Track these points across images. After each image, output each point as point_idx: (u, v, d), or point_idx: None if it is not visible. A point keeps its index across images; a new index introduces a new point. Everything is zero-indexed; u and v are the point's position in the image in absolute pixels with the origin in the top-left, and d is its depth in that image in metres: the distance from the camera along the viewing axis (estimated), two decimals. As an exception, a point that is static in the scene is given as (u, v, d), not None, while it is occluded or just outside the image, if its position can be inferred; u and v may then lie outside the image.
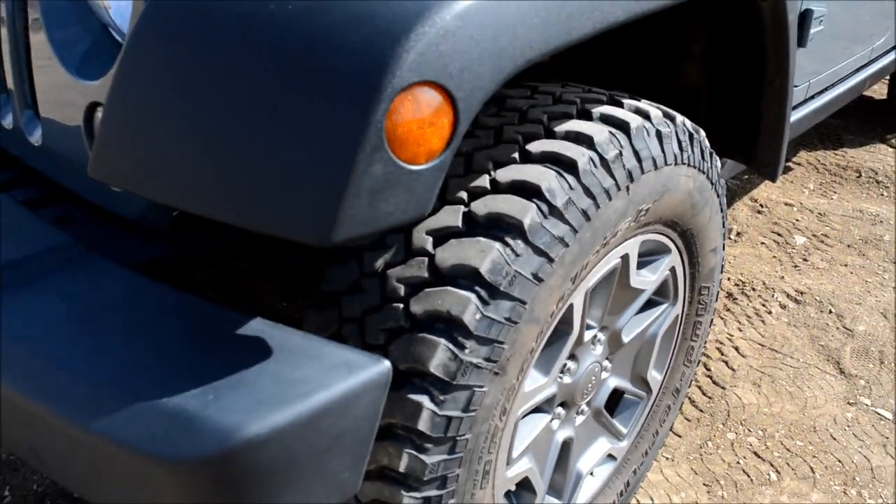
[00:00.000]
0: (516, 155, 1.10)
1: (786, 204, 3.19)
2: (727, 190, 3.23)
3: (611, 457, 1.55)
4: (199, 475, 0.78)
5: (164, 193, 0.84)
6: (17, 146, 1.29)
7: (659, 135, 1.21)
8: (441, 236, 1.04)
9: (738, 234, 2.94)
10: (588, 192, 1.08)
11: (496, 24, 0.80)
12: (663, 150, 1.21)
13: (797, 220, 3.06)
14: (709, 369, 2.16)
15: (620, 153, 1.13)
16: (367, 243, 1.06)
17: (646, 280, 1.38)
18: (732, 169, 2.13)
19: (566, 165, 1.07)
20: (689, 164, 1.30)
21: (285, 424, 0.78)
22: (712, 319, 1.67)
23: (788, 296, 2.54)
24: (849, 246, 2.89)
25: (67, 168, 1.20)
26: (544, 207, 1.03)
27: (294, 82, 0.76)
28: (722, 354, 2.23)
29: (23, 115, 1.22)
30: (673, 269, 1.46)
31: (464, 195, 1.07)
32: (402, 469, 1.01)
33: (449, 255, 1.01)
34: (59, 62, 1.09)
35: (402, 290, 1.02)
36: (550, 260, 1.04)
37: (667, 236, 1.39)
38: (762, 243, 2.88)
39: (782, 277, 2.64)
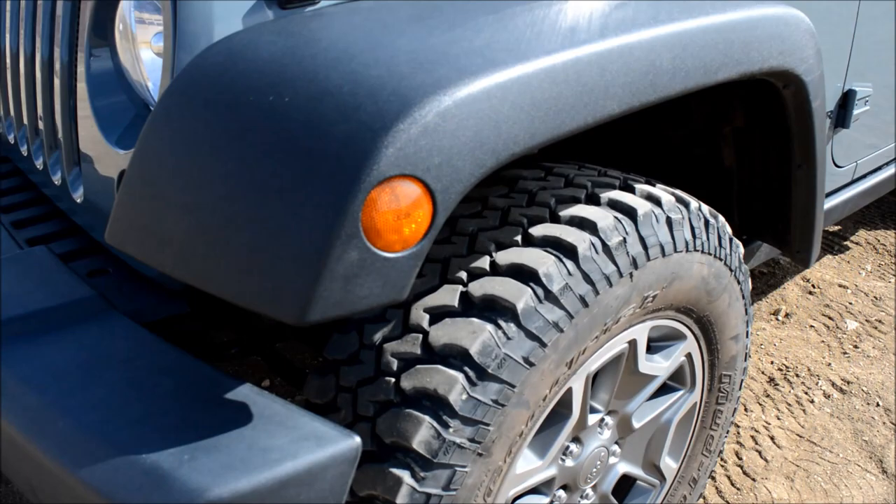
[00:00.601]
0: (519, 238, 1.11)
1: (840, 285, 3.07)
2: (778, 268, 3.14)
3: (618, 546, 1.50)
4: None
5: (163, 263, 0.89)
6: (63, 201, 1.39)
7: (669, 221, 1.21)
8: (437, 314, 1.05)
9: (787, 315, 2.84)
10: (587, 278, 1.08)
11: (479, 120, 0.83)
12: (673, 237, 1.21)
13: (850, 304, 2.93)
14: (740, 458, 2.07)
15: (625, 240, 1.13)
16: (369, 315, 1.08)
17: (658, 366, 1.36)
18: (771, 251, 2.08)
19: (566, 250, 1.08)
20: (703, 251, 1.28)
21: (249, 490, 0.81)
22: (736, 408, 1.62)
23: (834, 384, 2.43)
24: (905, 334, 2.75)
25: (103, 226, 1.28)
26: (540, 292, 1.04)
27: (282, 170, 0.81)
28: (756, 443, 2.14)
29: (70, 173, 1.32)
30: (689, 356, 1.43)
31: (463, 275, 1.09)
32: (380, 544, 1.01)
33: (442, 333, 1.03)
34: (98, 129, 1.18)
35: (395, 364, 1.04)
36: (543, 345, 1.04)
37: (681, 322, 1.36)
38: (811, 326, 2.77)
39: (829, 364, 2.53)
